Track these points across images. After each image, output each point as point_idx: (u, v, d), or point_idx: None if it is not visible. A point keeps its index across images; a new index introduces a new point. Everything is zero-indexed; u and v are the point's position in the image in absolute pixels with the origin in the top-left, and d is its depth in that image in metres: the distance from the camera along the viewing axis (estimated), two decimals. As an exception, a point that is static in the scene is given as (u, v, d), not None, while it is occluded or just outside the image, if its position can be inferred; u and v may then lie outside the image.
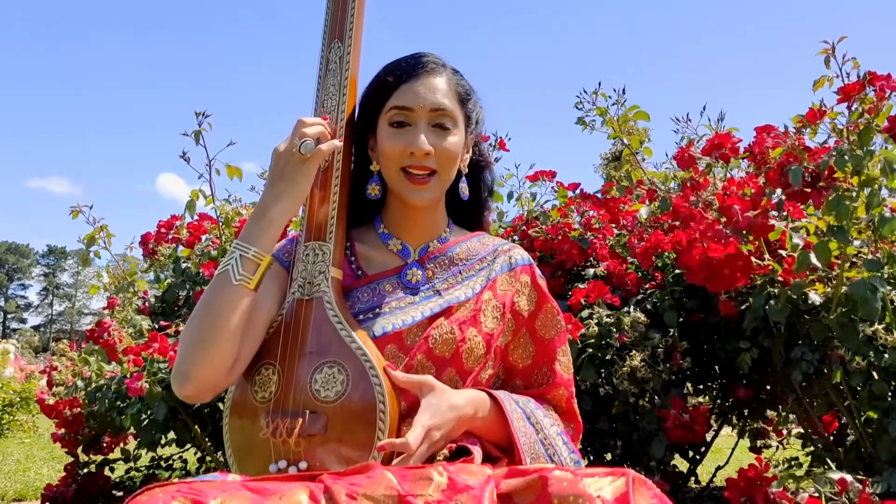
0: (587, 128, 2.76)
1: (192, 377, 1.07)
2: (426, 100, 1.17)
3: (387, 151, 1.18)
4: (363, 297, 1.18)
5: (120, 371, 2.55)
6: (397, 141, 1.17)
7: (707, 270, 1.94)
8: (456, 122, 1.20)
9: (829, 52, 1.87)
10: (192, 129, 2.74)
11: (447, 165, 1.19)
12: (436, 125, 1.18)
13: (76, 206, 3.01)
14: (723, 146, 2.14)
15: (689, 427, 2.10)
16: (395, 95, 1.18)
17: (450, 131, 1.18)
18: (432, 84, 1.18)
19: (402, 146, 1.16)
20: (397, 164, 1.17)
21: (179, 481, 0.86)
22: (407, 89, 1.17)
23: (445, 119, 1.18)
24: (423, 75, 1.18)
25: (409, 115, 1.17)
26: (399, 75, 1.18)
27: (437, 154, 1.17)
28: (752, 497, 1.66)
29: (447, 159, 1.18)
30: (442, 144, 1.17)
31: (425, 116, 1.17)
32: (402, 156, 1.17)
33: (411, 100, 1.17)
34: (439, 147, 1.17)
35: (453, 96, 1.20)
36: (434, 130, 1.17)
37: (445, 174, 1.20)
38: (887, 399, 1.85)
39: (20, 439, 6.22)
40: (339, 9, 1.22)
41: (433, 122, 1.17)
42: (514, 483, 0.91)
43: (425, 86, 1.18)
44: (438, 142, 1.17)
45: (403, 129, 1.17)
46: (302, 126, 1.12)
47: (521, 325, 1.26)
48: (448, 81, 1.20)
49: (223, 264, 1.09)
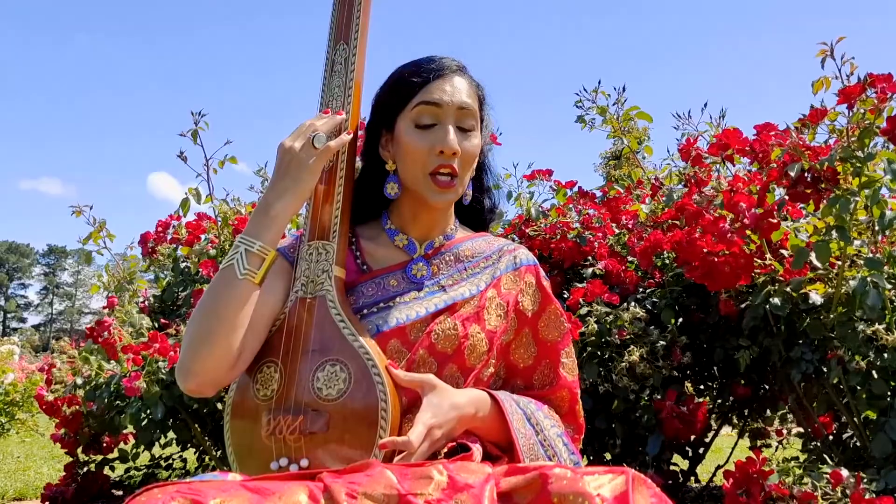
0: (586, 126, 2.77)
1: (195, 371, 1.07)
2: (454, 98, 1.17)
3: (411, 151, 1.17)
4: (368, 291, 1.18)
5: (119, 370, 2.55)
6: (423, 141, 1.16)
7: (708, 268, 1.94)
8: (476, 124, 1.20)
9: (826, 54, 1.87)
10: (189, 129, 2.75)
11: (467, 168, 1.20)
12: (460, 126, 1.18)
13: (76, 205, 3.01)
14: (729, 146, 2.12)
15: (686, 420, 2.09)
16: (422, 92, 1.17)
17: (472, 133, 1.19)
18: (458, 83, 1.19)
19: (428, 146, 1.16)
20: (423, 166, 1.17)
21: (178, 481, 0.86)
22: (436, 87, 1.17)
23: (469, 120, 1.18)
24: (450, 75, 1.19)
25: (438, 112, 1.17)
26: (426, 74, 1.18)
27: (461, 156, 1.17)
28: (749, 490, 1.66)
29: (468, 161, 1.19)
30: (465, 146, 1.17)
31: (453, 115, 1.17)
32: (428, 156, 1.16)
33: (440, 97, 1.16)
34: (465, 148, 1.17)
35: (475, 97, 1.21)
36: (460, 132, 1.18)
37: (465, 176, 1.20)
38: (886, 398, 1.85)
39: (21, 438, 6.22)
40: (346, 11, 1.22)
41: (459, 121, 1.18)
42: (514, 481, 0.91)
43: (452, 84, 1.18)
44: (464, 143, 1.17)
45: (429, 130, 1.17)
46: (314, 119, 1.14)
47: (523, 324, 1.25)
48: (469, 83, 1.21)
49: (228, 258, 1.09)
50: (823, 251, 1.76)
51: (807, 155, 1.81)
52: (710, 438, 2.74)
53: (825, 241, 1.78)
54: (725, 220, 1.96)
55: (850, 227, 1.77)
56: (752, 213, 1.90)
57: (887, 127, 1.72)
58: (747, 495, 1.65)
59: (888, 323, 1.82)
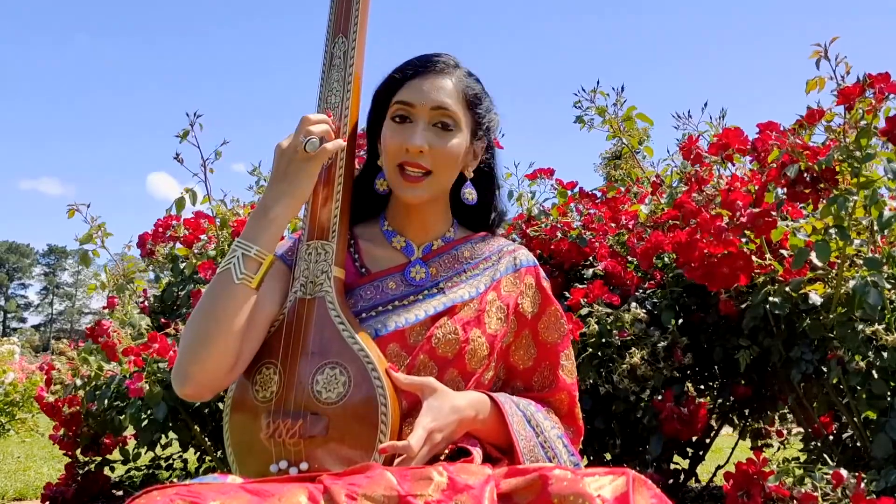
0: (585, 126, 2.76)
1: (192, 376, 1.07)
2: (428, 97, 1.16)
3: (386, 146, 1.18)
4: (366, 294, 1.18)
5: (119, 371, 2.55)
6: (396, 136, 1.16)
7: (706, 268, 1.94)
8: (458, 124, 1.18)
9: (821, 55, 1.87)
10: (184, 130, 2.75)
11: (444, 166, 1.17)
12: (437, 124, 1.16)
13: (73, 204, 2.99)
14: (730, 146, 2.12)
15: (685, 420, 2.09)
16: (399, 91, 1.17)
17: (451, 133, 1.17)
18: (438, 83, 1.17)
19: (399, 141, 1.15)
20: (394, 160, 1.17)
21: (178, 483, 0.86)
22: (411, 85, 1.17)
23: (447, 119, 1.17)
24: (431, 74, 1.18)
25: (411, 111, 1.16)
26: (408, 71, 1.18)
27: (433, 154, 1.15)
28: (749, 491, 1.66)
29: (444, 160, 1.17)
30: (440, 144, 1.16)
31: (426, 115, 1.16)
32: (398, 151, 1.16)
33: (413, 96, 1.16)
34: (437, 147, 1.15)
35: (459, 98, 1.18)
36: (434, 130, 1.16)
37: (442, 175, 1.18)
38: (886, 399, 1.85)
39: (21, 438, 6.22)
40: (344, 3, 1.21)
41: (434, 121, 1.16)
42: (515, 482, 0.91)
43: (430, 84, 1.17)
44: (437, 142, 1.16)
45: (404, 125, 1.16)
46: (307, 124, 1.10)
47: (523, 326, 1.25)
48: (457, 83, 1.19)
49: (225, 262, 1.08)
50: (823, 250, 1.76)
51: (805, 155, 1.81)
52: (711, 439, 2.74)
53: (825, 240, 1.78)
54: (723, 218, 1.96)
55: (850, 226, 1.77)
56: (748, 211, 1.90)
57: (886, 127, 1.72)
58: (747, 497, 1.65)
59: (888, 323, 1.82)
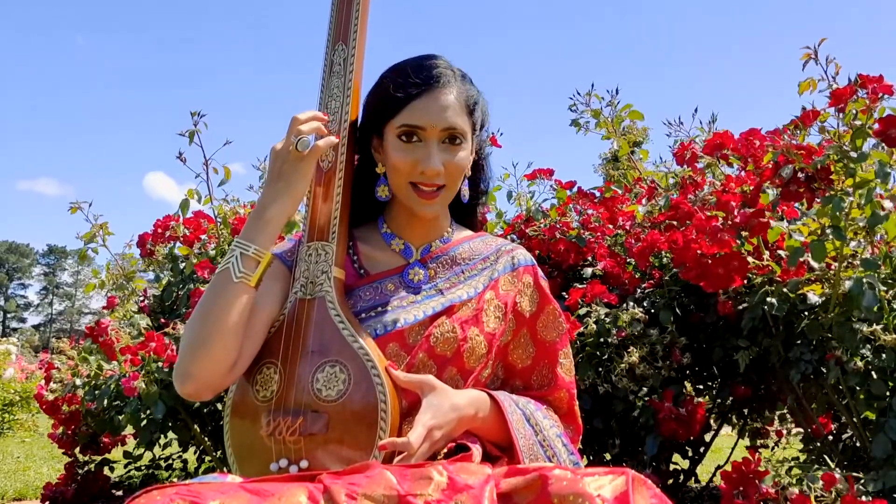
0: (581, 129, 2.76)
1: (192, 375, 1.07)
2: (438, 119, 1.15)
3: (396, 165, 1.17)
4: (365, 295, 1.19)
5: (118, 370, 2.55)
6: (407, 156, 1.16)
7: (701, 268, 1.94)
8: (465, 136, 1.19)
9: (810, 57, 1.87)
10: (187, 129, 2.74)
11: (456, 179, 1.19)
12: (445, 140, 1.17)
13: (75, 202, 2.99)
14: (724, 146, 2.13)
15: (683, 420, 2.09)
16: (405, 112, 1.16)
17: (459, 146, 1.18)
18: (444, 101, 1.16)
19: (411, 161, 1.15)
20: (406, 178, 1.17)
21: (177, 483, 0.86)
22: (418, 107, 1.15)
23: (455, 134, 1.17)
24: (435, 91, 1.16)
25: (421, 133, 1.16)
26: (411, 90, 1.16)
27: (446, 170, 1.16)
28: (745, 491, 1.66)
29: (456, 173, 1.18)
30: (452, 160, 1.17)
31: (436, 135, 1.16)
32: (411, 171, 1.16)
33: (423, 119, 1.15)
34: (449, 163, 1.16)
35: (463, 110, 1.18)
36: (444, 146, 1.17)
37: (454, 186, 1.20)
38: (885, 399, 1.85)
39: (20, 438, 6.22)
40: (344, 11, 1.22)
41: (443, 138, 1.17)
42: (514, 482, 0.91)
43: (437, 104, 1.15)
44: (449, 158, 1.16)
45: (413, 144, 1.16)
46: (297, 123, 1.11)
47: (521, 325, 1.26)
48: (458, 95, 1.18)
49: (224, 262, 1.09)
50: (819, 251, 1.76)
51: (800, 155, 1.82)
52: (710, 438, 2.74)
53: (821, 240, 1.78)
54: (718, 219, 1.96)
55: (847, 227, 1.77)
56: (742, 211, 1.91)
57: (880, 128, 1.72)
58: (743, 496, 1.65)
59: (886, 323, 1.82)
